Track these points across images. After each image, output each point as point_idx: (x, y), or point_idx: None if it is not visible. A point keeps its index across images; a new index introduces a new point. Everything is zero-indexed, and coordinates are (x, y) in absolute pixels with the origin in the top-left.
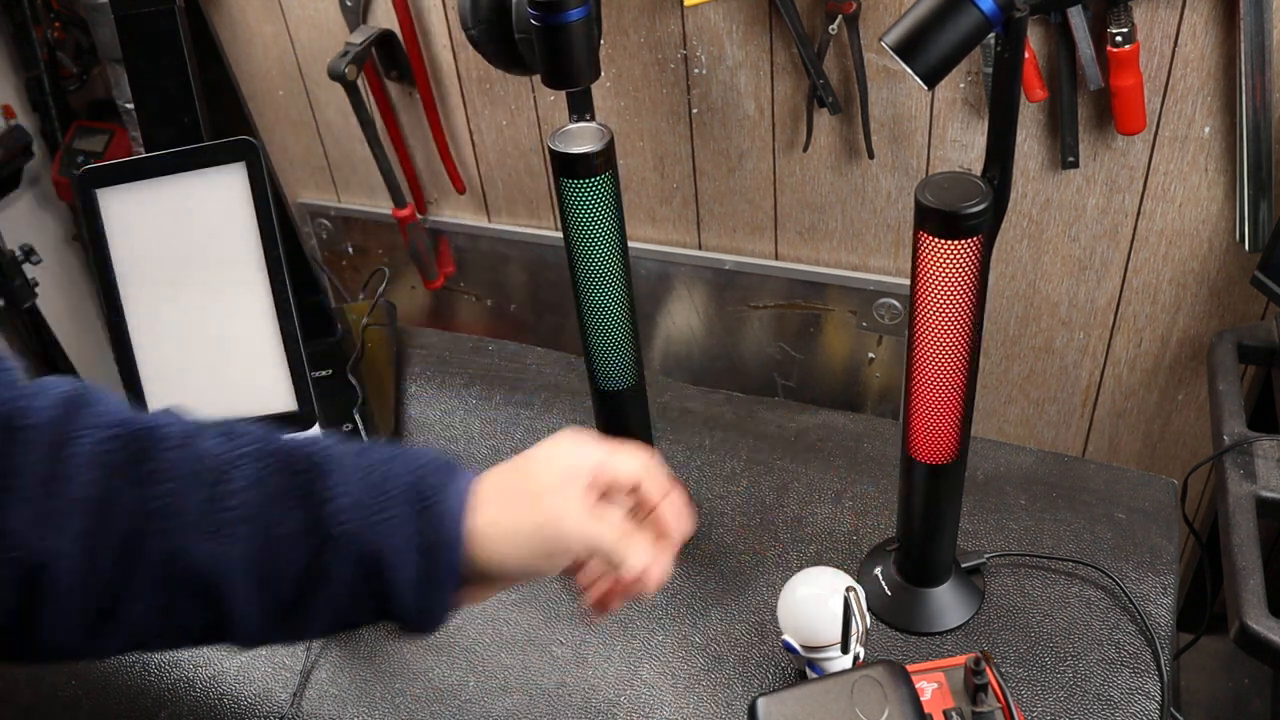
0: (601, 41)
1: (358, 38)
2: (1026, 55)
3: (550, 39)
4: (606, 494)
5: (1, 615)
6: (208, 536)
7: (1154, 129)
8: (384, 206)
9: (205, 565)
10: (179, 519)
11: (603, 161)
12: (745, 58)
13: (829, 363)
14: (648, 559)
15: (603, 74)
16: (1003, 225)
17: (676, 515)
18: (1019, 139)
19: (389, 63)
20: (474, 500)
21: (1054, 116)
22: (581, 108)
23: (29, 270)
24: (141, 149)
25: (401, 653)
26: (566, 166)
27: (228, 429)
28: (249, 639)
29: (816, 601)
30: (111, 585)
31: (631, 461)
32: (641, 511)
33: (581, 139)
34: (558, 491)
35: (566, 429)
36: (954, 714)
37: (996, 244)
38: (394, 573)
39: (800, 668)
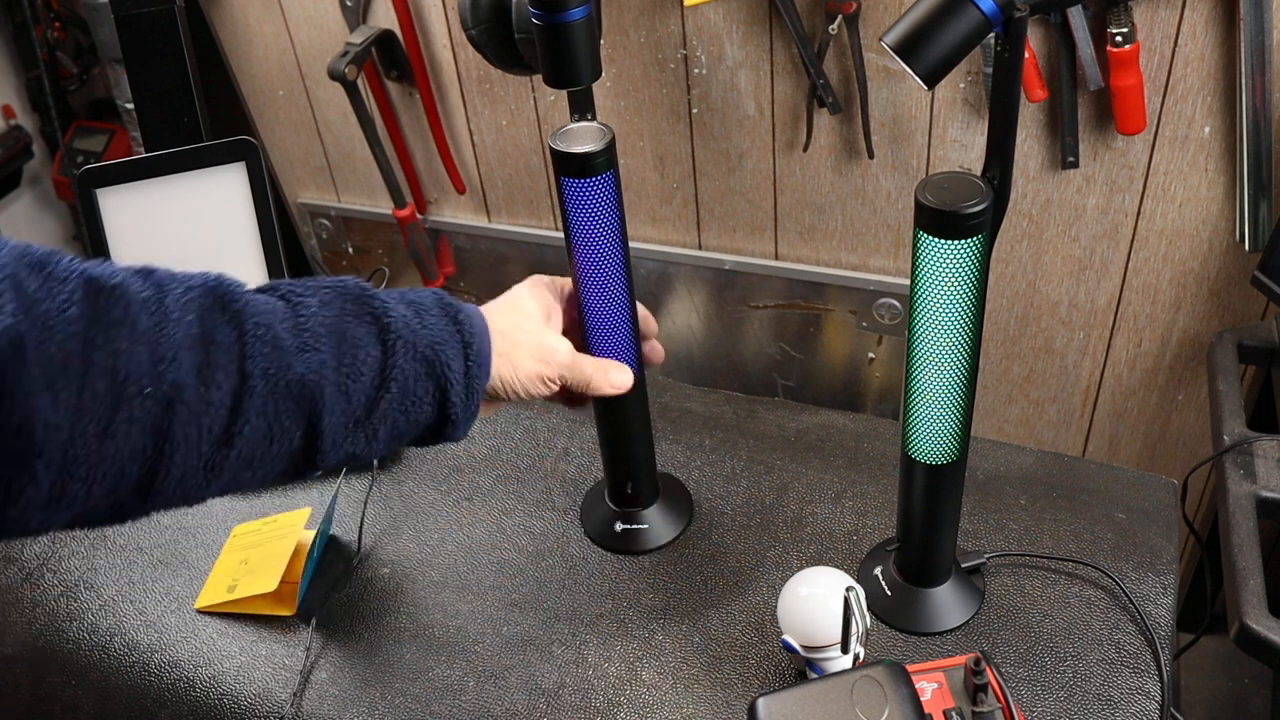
0: (601, 41)
1: (358, 38)
2: (1026, 55)
3: (551, 38)
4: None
5: (136, 463)
6: (300, 353)
7: (1154, 129)
8: (384, 206)
9: (303, 377)
10: (275, 343)
11: (604, 161)
12: (745, 58)
13: (829, 363)
14: (604, 372)
15: (603, 74)
16: (1003, 225)
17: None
18: (1019, 139)
19: (389, 63)
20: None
21: (1054, 116)
22: (583, 107)
23: None
24: (141, 149)
25: (401, 653)
26: (568, 166)
27: (260, 286)
28: (331, 448)
29: (816, 601)
30: (226, 411)
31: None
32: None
33: (582, 138)
34: (546, 337)
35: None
36: (954, 714)
37: (996, 244)
38: (449, 363)
39: (800, 668)
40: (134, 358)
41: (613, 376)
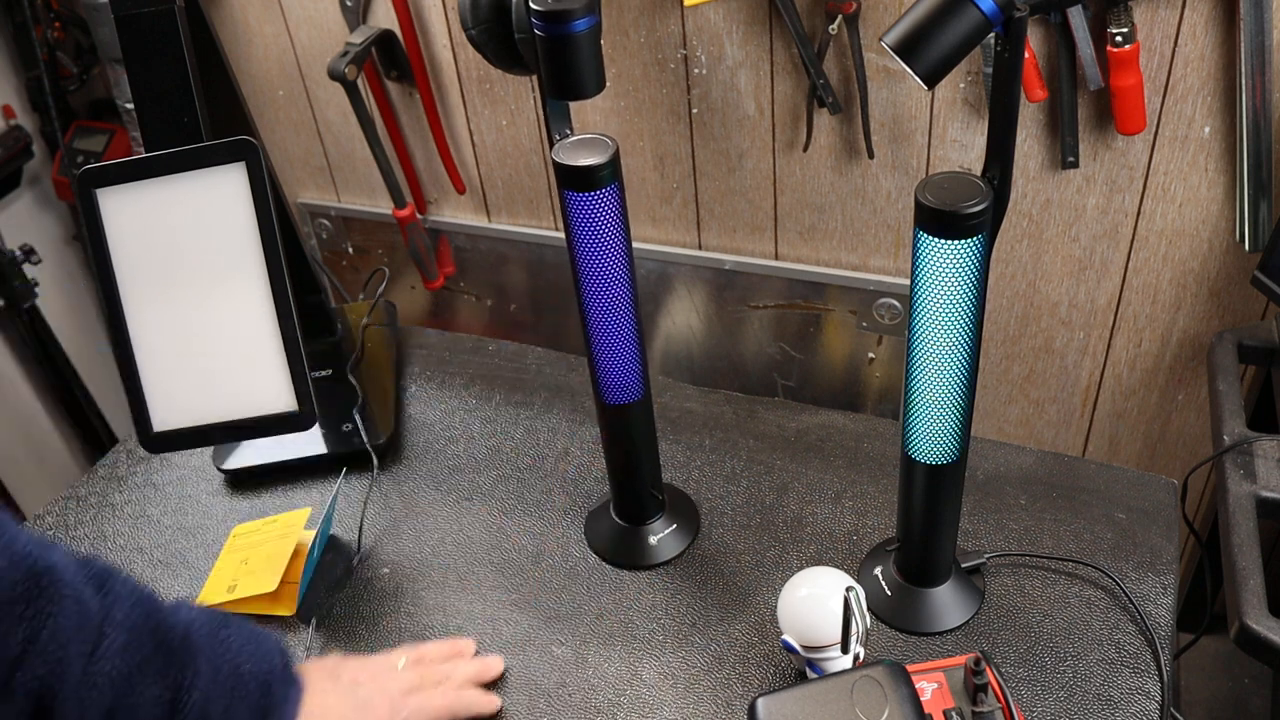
0: (601, 42)
1: (358, 38)
2: (1026, 55)
3: (555, 50)
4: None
5: None
6: (76, 688)
7: (1154, 129)
8: (384, 206)
9: (61, 712)
10: (58, 666)
11: (608, 174)
12: (745, 58)
13: (829, 363)
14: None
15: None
16: (1003, 225)
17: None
18: (1019, 139)
19: (389, 63)
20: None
21: (1054, 116)
22: (561, 124)
23: (29, 270)
24: (141, 149)
25: None
26: (571, 179)
27: (104, 580)
28: None
29: (816, 601)
30: None
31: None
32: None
33: (586, 150)
34: (374, 680)
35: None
36: (954, 714)
37: (996, 244)
38: None
39: (800, 668)
40: None
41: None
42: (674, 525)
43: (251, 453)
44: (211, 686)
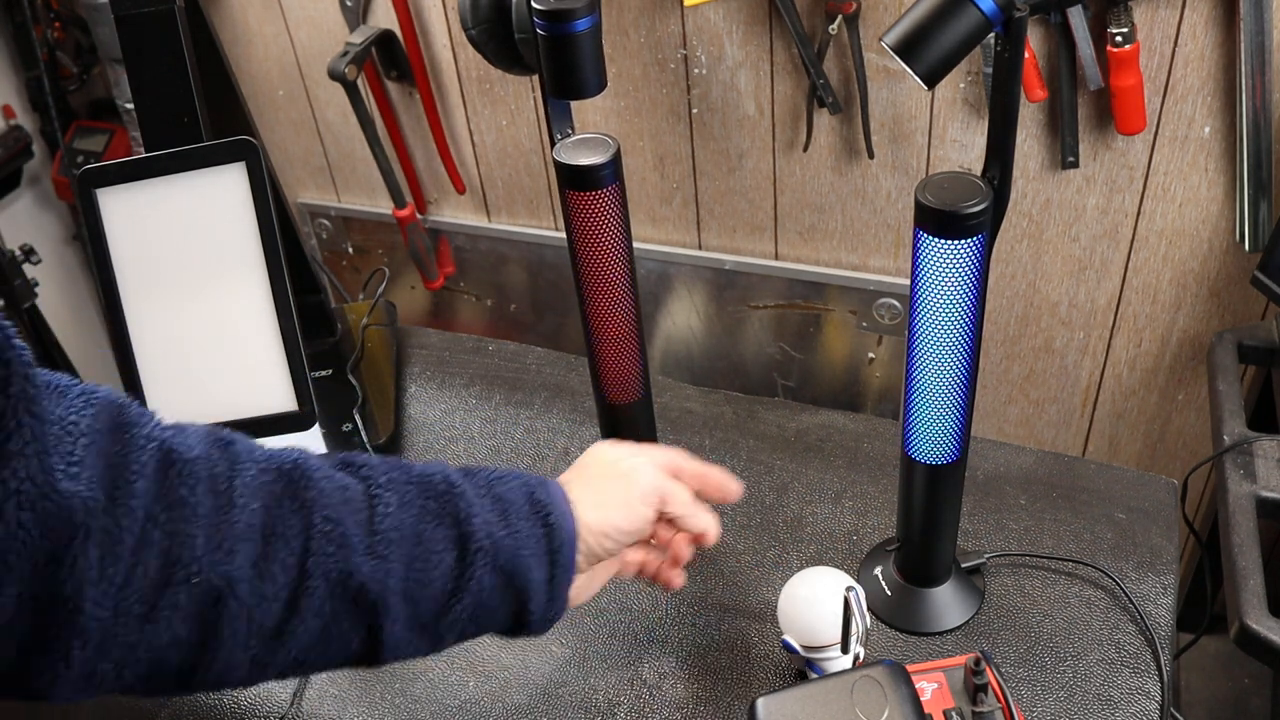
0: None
1: (358, 38)
2: (1026, 55)
3: (556, 49)
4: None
5: (178, 651)
6: (368, 557)
7: (1154, 129)
8: (384, 206)
9: (367, 584)
10: (341, 542)
11: (610, 173)
12: (745, 58)
13: (829, 363)
14: (706, 512)
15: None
16: (1003, 225)
17: (718, 484)
18: (1019, 139)
19: (389, 63)
20: (571, 497)
21: (1054, 116)
22: (563, 124)
23: (29, 270)
24: (141, 149)
25: None
26: (573, 178)
27: (349, 460)
28: (391, 653)
29: (816, 601)
30: (280, 606)
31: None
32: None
33: (587, 149)
34: (628, 459)
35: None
36: (954, 714)
37: (996, 244)
38: (530, 575)
39: (800, 668)
40: (190, 542)
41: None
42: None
43: None
44: (486, 512)
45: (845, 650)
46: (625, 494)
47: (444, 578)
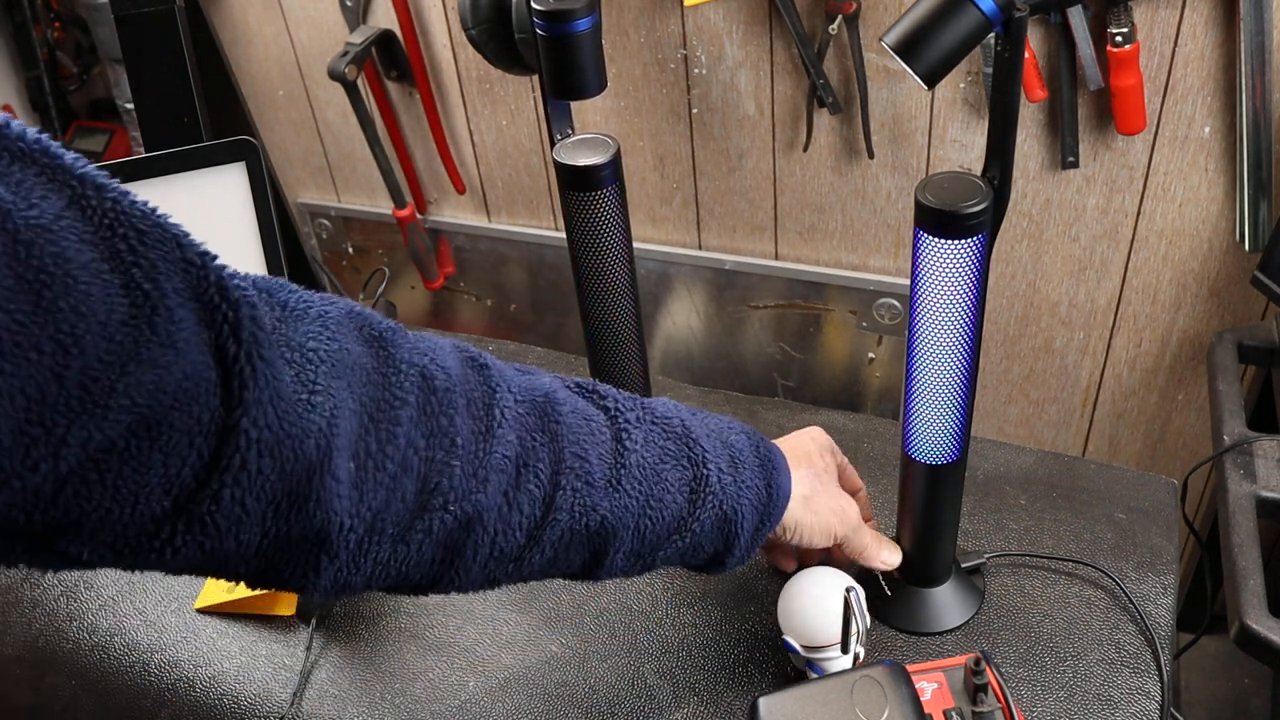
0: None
1: (358, 38)
2: (1026, 55)
3: (556, 49)
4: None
5: (422, 570)
6: (609, 492)
7: (1154, 129)
8: (384, 206)
9: (606, 518)
10: (587, 478)
11: (610, 174)
12: (745, 58)
13: (829, 363)
14: (880, 547)
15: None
16: (1003, 225)
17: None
18: (1019, 139)
19: (389, 63)
20: (792, 472)
21: (1054, 116)
22: (563, 125)
23: None
24: (141, 149)
25: (401, 653)
26: (572, 179)
27: (590, 388)
28: (607, 574)
29: (816, 601)
30: (523, 535)
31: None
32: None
33: (587, 150)
34: (835, 485)
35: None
36: (954, 714)
37: (996, 244)
38: (741, 527)
39: (800, 668)
40: (448, 471)
41: (885, 555)
42: None
43: None
44: (719, 459)
45: (845, 650)
46: (826, 522)
47: (674, 516)
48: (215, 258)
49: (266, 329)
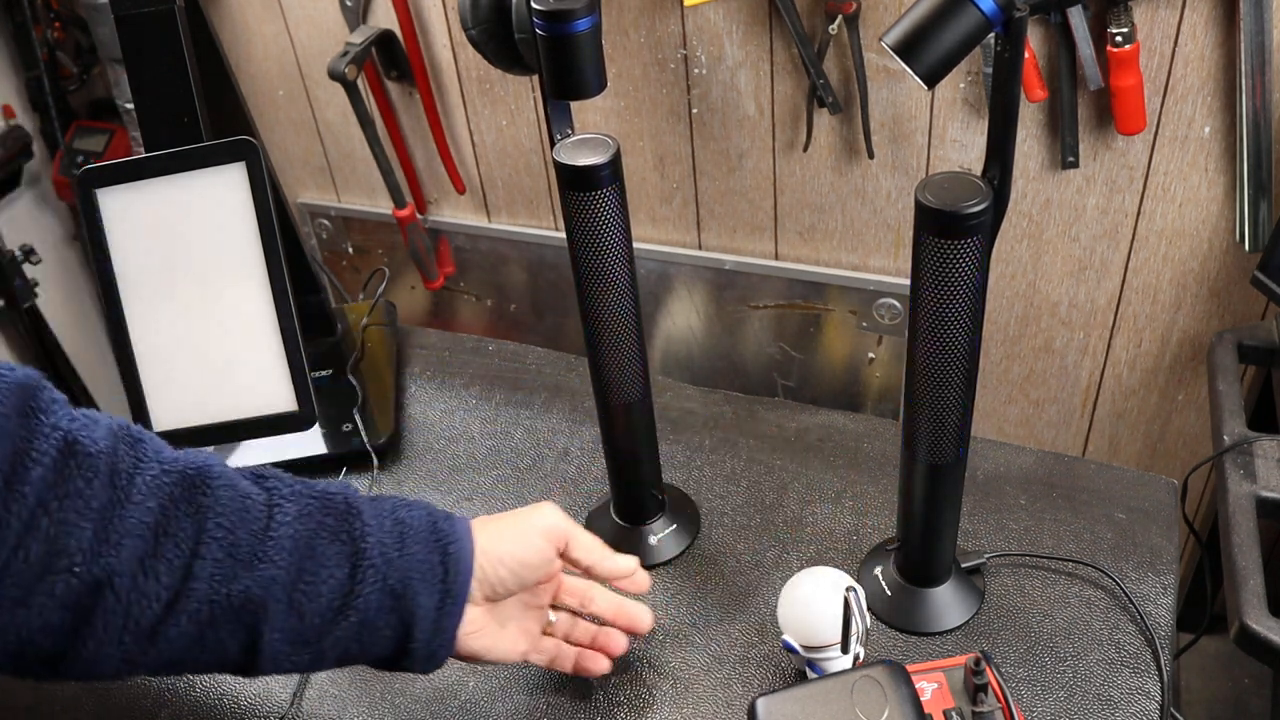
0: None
1: (358, 38)
2: (1026, 55)
3: (556, 50)
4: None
5: (48, 637)
6: (253, 564)
7: (1154, 129)
8: (384, 206)
9: (250, 592)
10: (230, 549)
11: (610, 174)
12: (745, 58)
13: (829, 363)
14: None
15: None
16: (1003, 225)
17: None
18: (1019, 139)
19: (389, 63)
20: (474, 529)
21: (1054, 116)
22: (563, 124)
23: (29, 270)
24: (141, 149)
25: None
26: (572, 179)
27: (259, 472)
28: (269, 663)
29: (816, 601)
30: (159, 607)
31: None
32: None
33: (587, 150)
34: (536, 506)
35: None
36: (954, 714)
37: (996, 244)
38: (418, 599)
39: (800, 668)
40: (77, 533)
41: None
42: (674, 525)
43: (251, 453)
44: (382, 534)
45: (845, 650)
46: (524, 526)
47: (332, 593)
48: None
49: None
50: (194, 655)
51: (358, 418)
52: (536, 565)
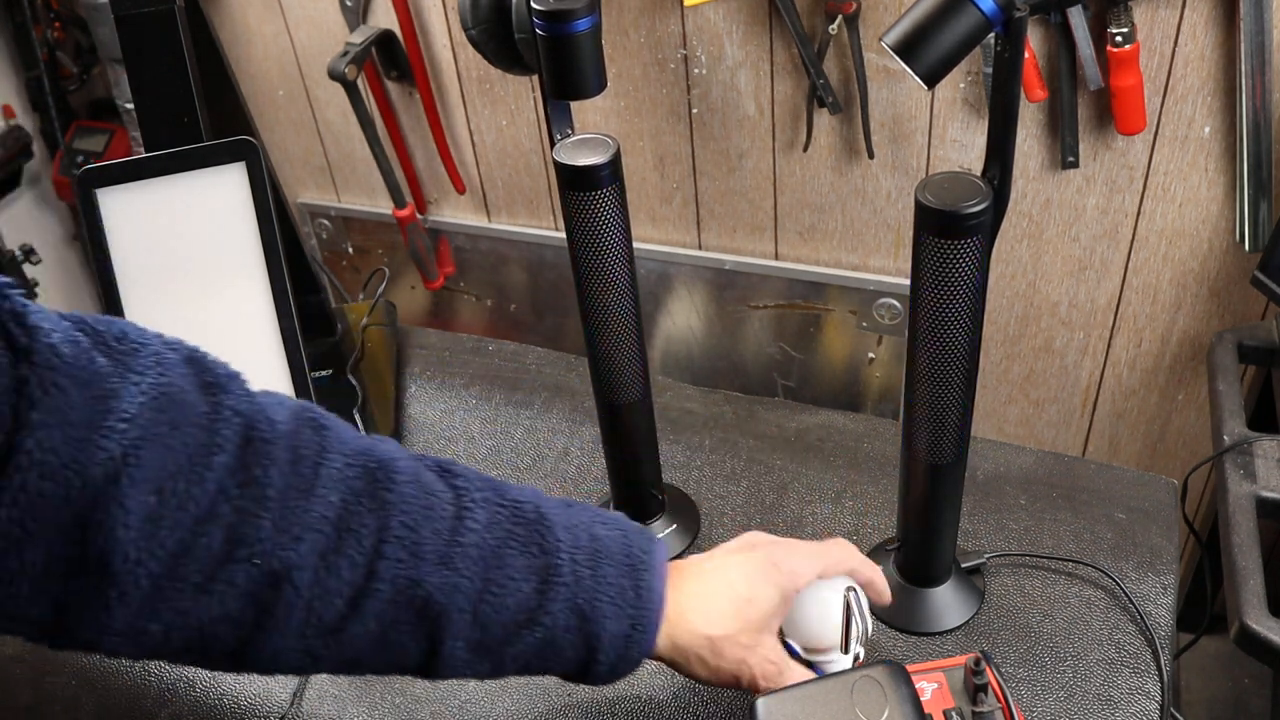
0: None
1: (358, 38)
2: (1026, 55)
3: (556, 49)
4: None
5: (230, 628)
6: (439, 568)
7: (1154, 129)
8: (384, 206)
9: (434, 597)
10: (414, 550)
11: (609, 174)
12: (745, 58)
13: (829, 363)
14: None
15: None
16: (1003, 225)
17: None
18: (1019, 139)
19: (389, 63)
20: (673, 571)
21: (1054, 116)
22: (563, 124)
23: (29, 270)
24: (141, 149)
25: None
26: (572, 179)
27: (444, 468)
28: (450, 669)
29: (817, 603)
30: (342, 603)
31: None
32: None
33: (587, 150)
34: (759, 577)
35: (750, 534)
36: (954, 714)
37: (996, 244)
38: (605, 624)
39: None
40: (255, 523)
41: None
42: (674, 525)
43: None
44: (575, 550)
45: (845, 651)
46: (726, 673)
47: (519, 605)
48: (18, 291)
49: (66, 358)
50: (375, 654)
51: (358, 418)
52: (719, 670)
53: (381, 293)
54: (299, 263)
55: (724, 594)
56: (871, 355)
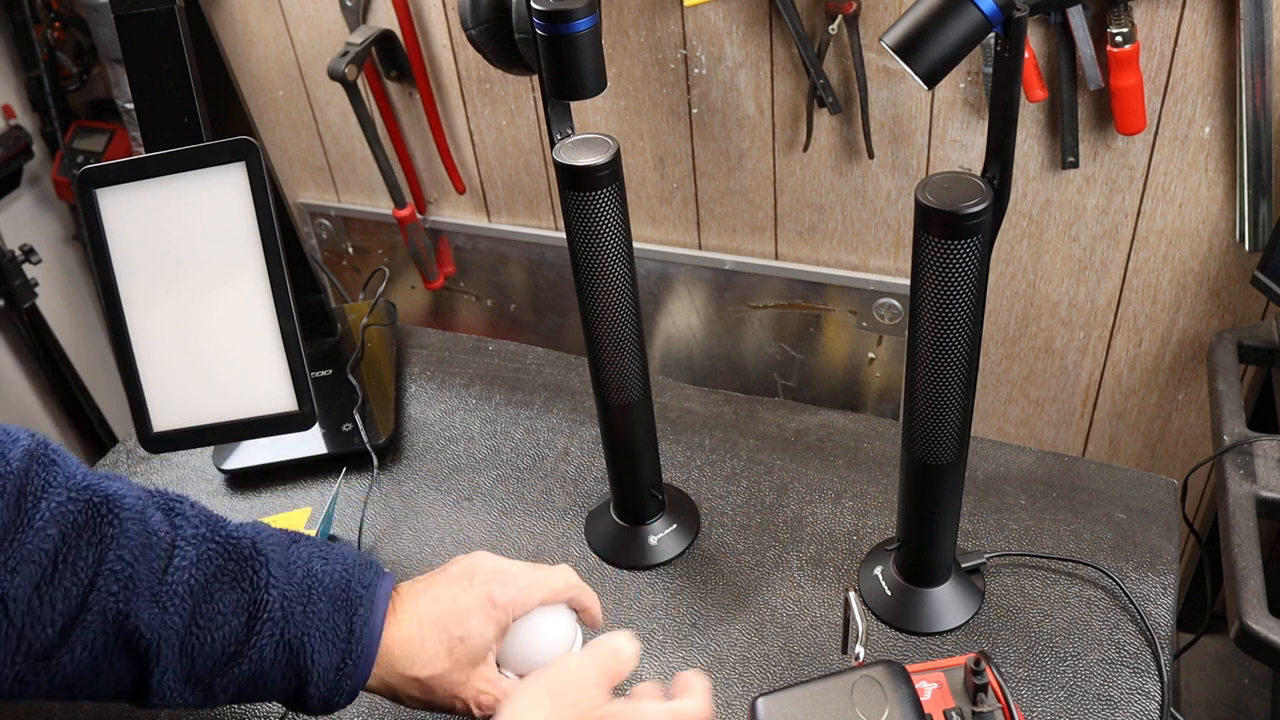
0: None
1: (358, 38)
2: (1026, 55)
3: (556, 49)
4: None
5: None
6: (151, 603)
7: (1154, 129)
8: (384, 206)
9: (144, 629)
10: (130, 583)
11: (609, 174)
12: (745, 58)
13: (829, 363)
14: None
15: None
16: (1003, 225)
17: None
18: (1019, 139)
19: (389, 63)
20: (393, 606)
21: (1054, 116)
22: (563, 124)
23: (29, 270)
24: (141, 149)
25: None
26: (572, 179)
27: (171, 506)
28: (159, 701)
29: (529, 630)
30: (53, 632)
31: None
32: None
33: (587, 150)
34: (474, 613)
35: (473, 559)
36: (954, 714)
37: (996, 244)
38: (315, 658)
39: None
40: None
41: None
42: (674, 525)
43: (251, 453)
44: (287, 586)
45: (845, 652)
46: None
47: (227, 639)
48: None
49: None
50: (88, 681)
51: (358, 418)
52: (446, 684)
53: (381, 293)
54: (299, 263)
55: (435, 636)
56: (871, 355)
